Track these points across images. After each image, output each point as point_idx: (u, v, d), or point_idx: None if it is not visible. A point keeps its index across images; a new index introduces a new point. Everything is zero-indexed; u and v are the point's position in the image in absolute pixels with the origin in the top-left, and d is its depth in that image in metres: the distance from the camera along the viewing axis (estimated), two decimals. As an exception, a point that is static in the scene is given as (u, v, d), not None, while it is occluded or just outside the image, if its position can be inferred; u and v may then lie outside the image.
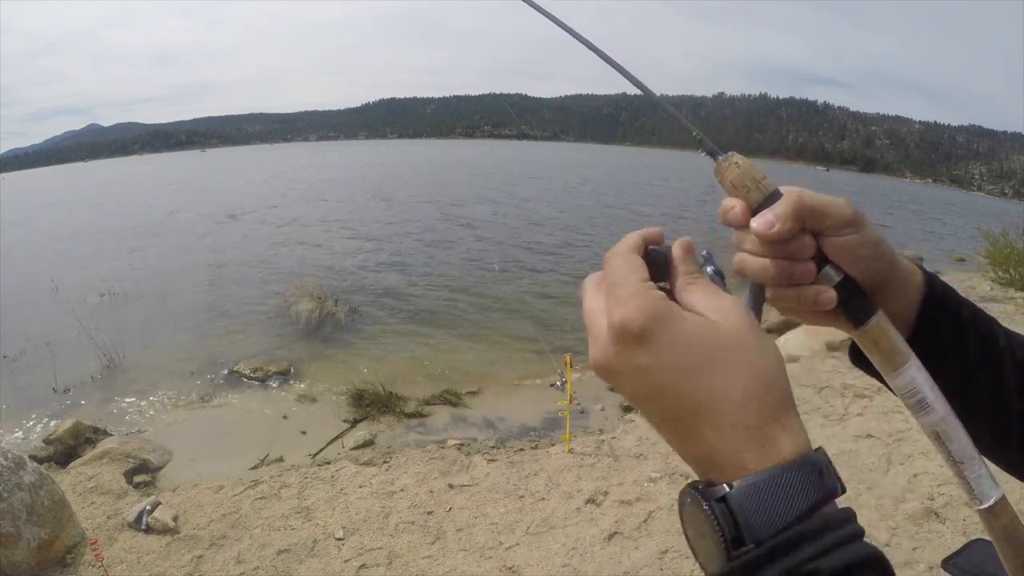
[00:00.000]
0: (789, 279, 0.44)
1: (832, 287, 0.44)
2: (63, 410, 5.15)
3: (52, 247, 13.54)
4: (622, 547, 2.85)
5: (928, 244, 16.28)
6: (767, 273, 0.44)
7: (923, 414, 0.43)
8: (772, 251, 0.43)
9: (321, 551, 2.93)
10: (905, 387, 0.43)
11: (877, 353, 0.45)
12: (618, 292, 0.34)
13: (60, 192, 36.38)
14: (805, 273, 0.43)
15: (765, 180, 0.44)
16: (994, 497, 0.42)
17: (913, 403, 0.43)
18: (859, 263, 0.44)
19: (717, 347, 0.32)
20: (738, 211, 0.44)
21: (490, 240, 13.41)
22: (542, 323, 7.48)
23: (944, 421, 0.43)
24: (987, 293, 7.54)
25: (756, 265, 0.44)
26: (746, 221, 0.43)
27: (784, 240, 0.42)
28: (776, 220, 0.41)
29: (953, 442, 0.43)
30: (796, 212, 0.41)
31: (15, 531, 2.69)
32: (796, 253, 0.43)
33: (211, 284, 9.61)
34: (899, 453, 3.48)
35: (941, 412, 0.43)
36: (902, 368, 0.44)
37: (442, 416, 4.97)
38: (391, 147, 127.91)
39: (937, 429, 0.43)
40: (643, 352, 0.32)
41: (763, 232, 0.42)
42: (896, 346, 0.44)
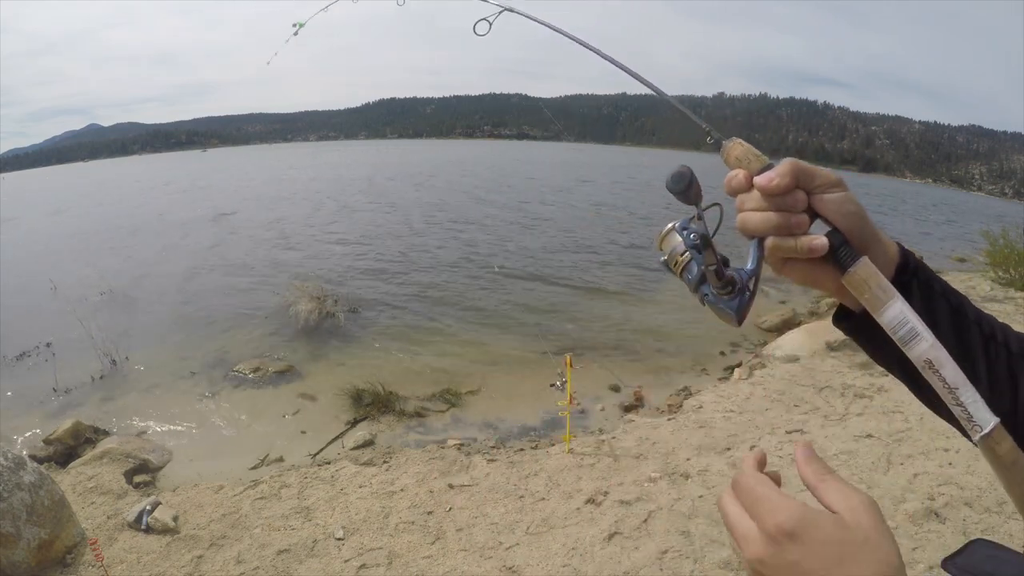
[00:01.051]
0: (787, 229, 0.51)
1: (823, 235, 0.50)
2: (63, 410, 5.15)
3: (52, 247, 13.54)
4: (622, 547, 2.85)
5: (928, 244, 16.27)
6: (768, 223, 0.51)
7: (913, 344, 0.47)
8: (772, 204, 0.50)
9: (321, 551, 2.93)
10: (894, 319, 0.48)
11: (867, 291, 0.50)
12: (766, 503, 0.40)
13: (61, 192, 36.38)
14: (800, 223, 0.50)
15: (763, 156, 0.52)
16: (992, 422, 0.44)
17: (903, 334, 0.47)
18: (845, 218, 0.51)
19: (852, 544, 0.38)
20: (741, 177, 0.52)
21: (490, 240, 13.40)
22: (542, 323, 7.48)
23: (934, 348, 0.46)
24: (987, 293, 7.53)
25: (758, 218, 0.51)
26: (749, 184, 0.52)
27: (782, 193, 0.50)
28: (776, 176, 0.50)
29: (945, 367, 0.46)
30: (792, 170, 0.50)
31: (15, 531, 2.69)
32: (792, 206, 0.50)
33: (211, 284, 9.61)
34: (899, 453, 3.48)
35: (930, 340, 0.46)
36: (890, 302, 0.48)
37: (442, 416, 4.97)
38: (391, 147, 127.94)
39: (929, 356, 0.46)
40: (794, 549, 0.37)
41: (764, 185, 0.50)
42: (882, 283, 0.49)
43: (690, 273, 0.57)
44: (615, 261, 11.44)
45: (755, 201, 0.51)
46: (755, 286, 0.55)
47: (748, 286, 0.54)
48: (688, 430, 4.09)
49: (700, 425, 4.16)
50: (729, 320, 0.55)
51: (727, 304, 0.55)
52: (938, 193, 75.56)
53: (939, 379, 0.46)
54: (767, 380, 4.98)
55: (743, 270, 0.55)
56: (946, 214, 30.78)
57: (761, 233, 0.52)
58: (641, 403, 5.08)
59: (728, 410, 4.42)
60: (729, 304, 0.55)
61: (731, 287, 0.54)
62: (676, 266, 0.59)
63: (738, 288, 0.54)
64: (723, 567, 2.64)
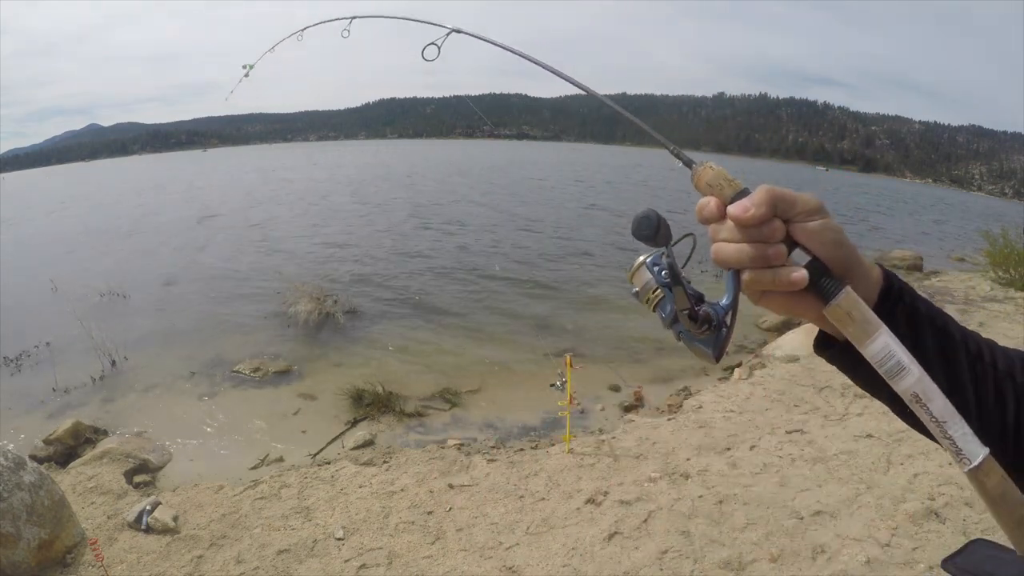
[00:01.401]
0: (764, 261, 0.48)
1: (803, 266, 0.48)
2: (63, 410, 5.15)
3: (52, 246, 13.54)
4: (622, 547, 2.85)
5: (928, 244, 16.27)
6: (743, 255, 0.48)
7: (900, 378, 0.45)
8: (747, 235, 0.48)
9: (321, 551, 2.93)
10: (880, 352, 0.46)
11: (850, 324, 0.47)
12: None
13: (61, 192, 36.37)
14: (777, 254, 0.48)
15: (736, 180, 0.50)
16: (981, 455, 0.43)
17: (889, 368, 0.46)
18: (825, 247, 0.48)
19: None
20: (713, 206, 0.49)
21: (490, 241, 13.40)
22: (542, 324, 7.48)
23: (921, 382, 0.45)
24: (987, 293, 7.53)
25: (733, 249, 0.49)
26: (721, 214, 0.49)
27: (758, 224, 0.47)
28: (752, 205, 0.47)
29: (933, 401, 0.44)
30: (768, 199, 0.47)
31: (15, 531, 2.69)
32: (768, 236, 0.47)
33: (211, 284, 9.61)
34: (899, 453, 3.48)
35: (917, 373, 0.45)
36: (875, 335, 0.46)
37: (442, 416, 4.97)
38: (391, 147, 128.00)
39: (916, 391, 0.45)
40: None
41: (739, 215, 0.47)
42: (866, 315, 0.47)
43: (663, 310, 0.56)
44: (612, 263, 11.44)
45: (729, 232, 0.49)
46: (732, 321, 0.53)
47: (725, 322, 0.52)
48: (688, 430, 4.09)
49: (700, 425, 4.16)
50: (706, 358, 0.54)
51: (703, 343, 0.53)
52: (937, 193, 75.55)
53: (927, 413, 0.45)
54: (767, 380, 4.98)
55: (718, 305, 0.53)
56: (937, 214, 30.76)
57: (736, 266, 0.49)
58: (641, 403, 5.08)
59: (728, 410, 4.42)
60: (705, 343, 0.53)
61: (707, 325, 0.52)
62: (648, 302, 0.57)
63: (714, 325, 0.52)
64: (723, 567, 2.64)
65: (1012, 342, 0.52)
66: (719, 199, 0.49)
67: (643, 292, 0.58)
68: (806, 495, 3.14)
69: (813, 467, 3.40)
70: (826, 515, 2.96)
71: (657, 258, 0.57)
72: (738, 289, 0.51)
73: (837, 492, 3.15)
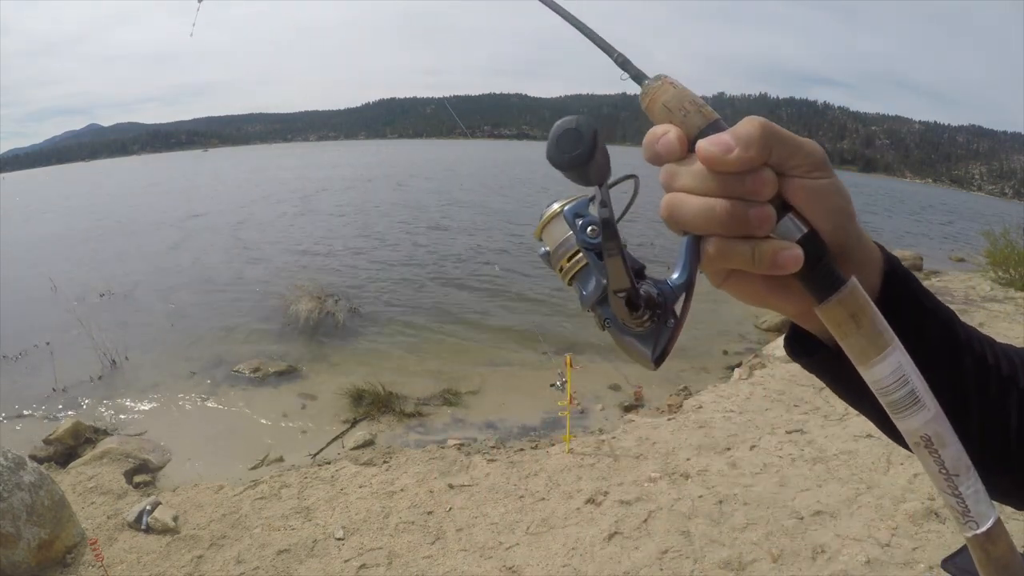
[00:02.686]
0: (742, 226, 0.33)
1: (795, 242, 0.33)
2: (63, 410, 5.15)
3: (53, 247, 13.54)
4: (622, 547, 2.85)
5: (927, 244, 16.27)
6: (712, 216, 0.33)
7: (911, 413, 0.34)
8: (722, 186, 0.32)
9: (321, 551, 2.93)
10: (889, 377, 0.33)
11: (854, 334, 0.34)
12: None
13: (62, 193, 36.37)
14: (763, 219, 0.32)
15: (708, 107, 0.35)
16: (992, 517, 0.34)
17: (899, 398, 0.33)
18: (829, 217, 0.34)
19: None
20: (672, 137, 0.34)
21: (489, 241, 13.40)
22: (542, 323, 7.48)
23: (937, 421, 0.34)
24: (987, 293, 7.53)
25: (696, 207, 0.33)
26: (684, 150, 0.34)
27: (741, 171, 0.32)
28: (735, 143, 0.32)
29: (948, 447, 0.33)
30: (762, 137, 0.32)
31: (15, 531, 2.69)
32: (753, 191, 0.32)
33: (212, 284, 9.61)
34: (899, 453, 3.48)
35: (932, 411, 0.34)
36: (885, 352, 0.33)
37: (442, 416, 4.97)
38: (391, 147, 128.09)
39: (928, 432, 0.34)
40: None
41: (716, 155, 0.32)
42: (877, 323, 0.33)
43: (584, 286, 0.39)
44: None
45: (694, 178, 0.33)
46: (685, 309, 0.37)
47: (673, 310, 0.36)
48: (688, 430, 4.09)
49: (700, 425, 4.16)
50: (642, 361, 0.37)
51: (639, 338, 0.37)
52: (935, 192, 75.54)
53: (935, 461, 0.34)
54: (767, 380, 4.98)
55: (666, 284, 0.36)
56: (935, 214, 30.77)
57: (700, 230, 0.34)
58: (641, 403, 5.08)
59: (728, 410, 4.42)
60: (643, 339, 0.37)
61: (648, 313, 0.35)
62: (564, 272, 0.40)
63: (658, 314, 0.36)
64: (723, 567, 2.64)
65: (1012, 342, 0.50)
66: (679, 130, 0.34)
67: (557, 255, 0.40)
68: (806, 495, 3.14)
69: (813, 467, 3.41)
70: (826, 515, 2.96)
71: (582, 206, 0.39)
72: (696, 263, 0.36)
73: (837, 492, 3.15)
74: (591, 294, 0.38)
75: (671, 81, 0.35)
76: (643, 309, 0.35)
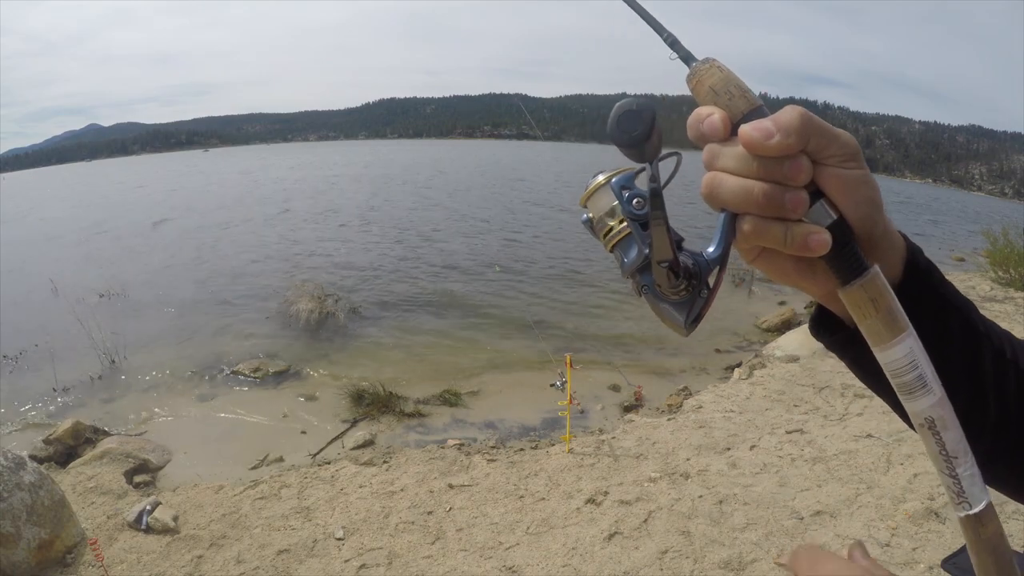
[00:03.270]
0: (777, 208, 0.35)
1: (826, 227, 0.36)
2: (63, 410, 5.15)
3: (53, 247, 13.54)
4: (622, 547, 2.85)
5: (927, 244, 16.24)
6: (749, 197, 0.35)
7: (918, 395, 0.36)
8: (761, 170, 0.35)
9: (321, 551, 2.93)
10: (902, 360, 0.36)
11: (870, 316, 0.36)
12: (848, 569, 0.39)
13: (64, 192, 36.38)
14: (797, 203, 0.35)
15: (752, 93, 0.37)
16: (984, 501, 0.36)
17: (908, 380, 0.36)
18: (859, 206, 0.37)
19: None
20: (717, 119, 0.36)
21: (489, 241, 13.40)
22: (542, 323, 7.48)
23: (941, 405, 0.36)
24: (987, 293, 7.53)
25: (735, 186, 0.36)
26: (727, 132, 0.36)
27: (780, 156, 0.35)
28: (776, 130, 0.34)
29: (949, 431, 0.36)
30: (801, 126, 0.34)
31: (15, 531, 2.69)
32: (790, 176, 0.35)
33: (211, 284, 9.61)
34: (899, 453, 3.48)
35: (939, 394, 0.36)
36: (899, 337, 0.36)
37: (442, 416, 4.97)
38: (391, 147, 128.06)
39: (932, 415, 0.36)
40: None
41: (757, 140, 0.34)
42: (893, 309, 0.36)
43: (626, 254, 0.41)
44: (611, 260, 11.42)
45: (735, 160, 0.36)
46: (718, 280, 0.40)
47: (707, 281, 0.39)
48: (688, 430, 4.09)
49: (700, 425, 4.16)
50: (675, 327, 0.41)
51: (674, 306, 0.40)
52: (934, 193, 75.52)
53: (937, 442, 0.36)
54: (767, 380, 4.98)
55: (701, 257, 0.39)
56: (933, 213, 30.77)
57: (737, 208, 0.37)
58: (641, 403, 5.08)
59: (728, 410, 4.42)
60: (677, 306, 0.40)
61: (686, 283, 0.39)
62: (608, 237, 0.42)
63: (693, 285, 0.39)
64: (723, 567, 2.64)
65: None
66: (724, 113, 0.37)
67: (601, 222, 0.42)
68: (806, 495, 3.14)
69: (813, 467, 3.41)
70: (826, 515, 2.96)
71: (628, 179, 0.41)
72: (731, 238, 0.38)
73: (837, 492, 3.15)
74: (632, 262, 0.41)
75: (718, 65, 0.37)
76: (681, 279, 0.38)
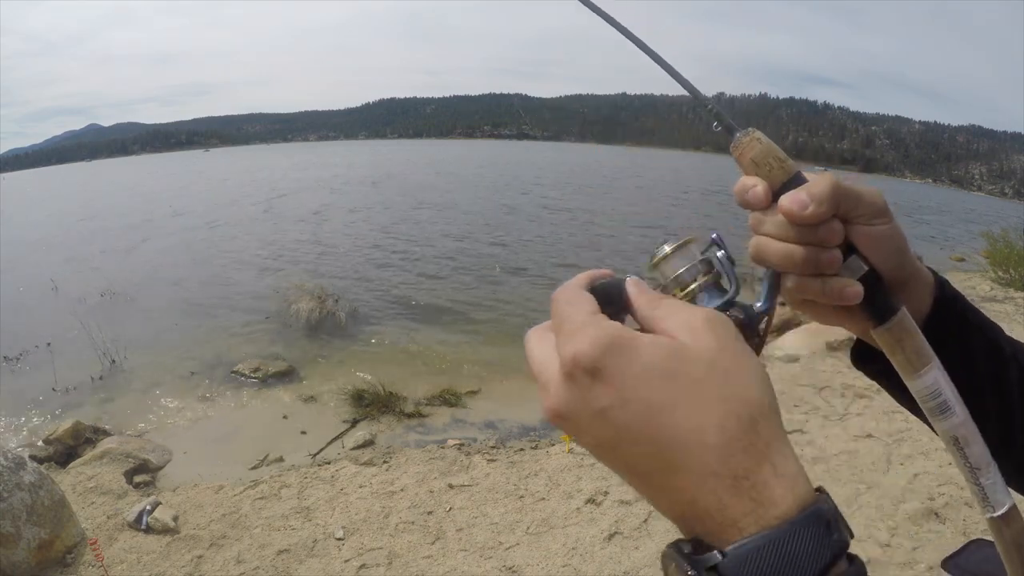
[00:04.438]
0: (815, 267, 0.40)
1: (857, 280, 0.41)
2: (63, 410, 5.15)
3: (53, 247, 13.54)
4: (622, 547, 2.85)
5: (927, 244, 16.26)
6: (791, 259, 0.40)
7: (943, 418, 0.41)
8: (799, 235, 0.39)
9: (321, 551, 2.93)
10: (927, 389, 0.41)
11: (900, 353, 0.42)
12: (565, 327, 0.29)
13: (64, 192, 36.38)
14: (832, 261, 0.40)
15: (789, 161, 0.41)
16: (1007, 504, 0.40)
17: (933, 406, 0.41)
18: (888, 257, 0.42)
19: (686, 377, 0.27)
20: (760, 191, 0.40)
21: (489, 242, 13.41)
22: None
23: (964, 425, 0.41)
24: (987, 293, 7.53)
25: (778, 250, 0.40)
26: (768, 201, 0.40)
27: (815, 224, 0.39)
28: (810, 201, 0.38)
29: (972, 446, 0.40)
30: (831, 195, 0.38)
31: (15, 531, 2.69)
32: (825, 239, 0.39)
33: (212, 284, 9.62)
34: (899, 453, 3.48)
35: (961, 416, 0.41)
36: (925, 368, 0.41)
37: (442, 416, 4.97)
38: (391, 147, 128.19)
39: (956, 434, 0.41)
40: (600, 391, 0.27)
41: (796, 212, 0.38)
42: (920, 345, 0.41)
43: None
44: (612, 260, 11.44)
45: (776, 227, 0.40)
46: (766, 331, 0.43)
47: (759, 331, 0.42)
48: (688, 430, 4.09)
49: (700, 425, 4.16)
50: None
51: None
52: (933, 193, 75.51)
53: (962, 456, 0.41)
54: (767, 380, 4.98)
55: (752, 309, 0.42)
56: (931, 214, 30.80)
57: (781, 268, 0.41)
58: (641, 403, 5.09)
59: (728, 410, 4.41)
60: None
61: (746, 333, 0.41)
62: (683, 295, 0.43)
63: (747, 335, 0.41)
64: (723, 567, 2.64)
65: None
66: (767, 185, 0.40)
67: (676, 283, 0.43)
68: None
69: (813, 467, 3.40)
70: (826, 515, 2.95)
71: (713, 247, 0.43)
72: (777, 292, 0.43)
73: (837, 492, 3.14)
74: None
75: (758, 137, 0.42)
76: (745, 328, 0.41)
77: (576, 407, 0.28)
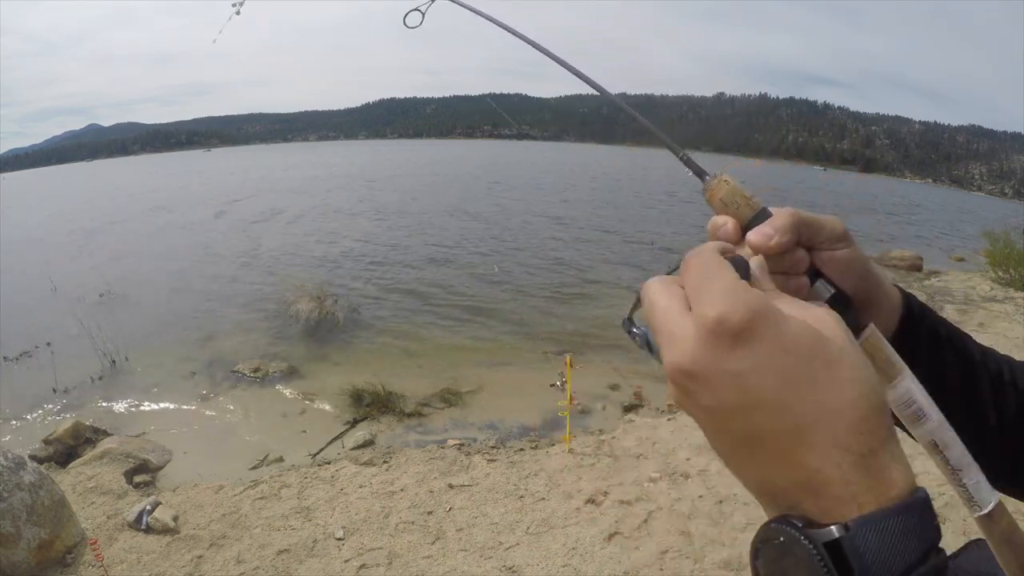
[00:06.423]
0: None
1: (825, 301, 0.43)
2: (63, 410, 5.15)
3: (53, 247, 13.54)
4: (622, 547, 2.85)
5: (927, 244, 16.26)
6: None
7: (919, 424, 0.43)
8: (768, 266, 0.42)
9: (321, 551, 2.93)
10: (900, 399, 0.43)
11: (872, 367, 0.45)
12: (710, 287, 0.30)
13: (64, 192, 36.38)
14: (799, 287, 0.43)
15: (755, 198, 0.44)
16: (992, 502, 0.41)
17: (908, 414, 0.43)
18: (850, 278, 0.45)
19: (825, 355, 0.28)
20: (730, 227, 0.43)
21: (488, 241, 13.41)
22: (542, 323, 7.48)
23: (940, 429, 0.42)
24: (987, 293, 7.53)
25: None
26: (738, 237, 0.43)
27: (780, 253, 0.42)
28: (774, 232, 0.41)
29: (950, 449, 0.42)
30: (793, 226, 0.42)
31: (15, 531, 2.69)
32: (790, 267, 0.43)
33: (212, 285, 9.61)
34: (899, 453, 3.48)
35: (936, 420, 0.42)
36: (897, 379, 0.43)
37: (442, 416, 4.97)
38: (392, 147, 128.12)
39: (934, 438, 0.42)
40: (742, 354, 0.27)
41: (760, 244, 0.41)
42: (890, 358, 0.43)
43: None
44: (613, 260, 11.44)
45: None
46: None
47: None
48: (688, 430, 4.09)
49: (700, 425, 4.16)
50: None
51: None
52: (932, 193, 75.41)
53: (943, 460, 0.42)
54: (767, 380, 4.98)
55: None
56: (931, 213, 30.79)
57: None
58: (641, 403, 5.08)
59: (728, 410, 4.42)
60: None
61: None
62: None
63: None
64: (723, 567, 2.64)
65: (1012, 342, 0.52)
66: (736, 221, 0.44)
67: None
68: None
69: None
70: (826, 515, 2.96)
71: None
72: None
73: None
74: None
75: (726, 179, 0.45)
76: None
77: (711, 366, 0.28)
